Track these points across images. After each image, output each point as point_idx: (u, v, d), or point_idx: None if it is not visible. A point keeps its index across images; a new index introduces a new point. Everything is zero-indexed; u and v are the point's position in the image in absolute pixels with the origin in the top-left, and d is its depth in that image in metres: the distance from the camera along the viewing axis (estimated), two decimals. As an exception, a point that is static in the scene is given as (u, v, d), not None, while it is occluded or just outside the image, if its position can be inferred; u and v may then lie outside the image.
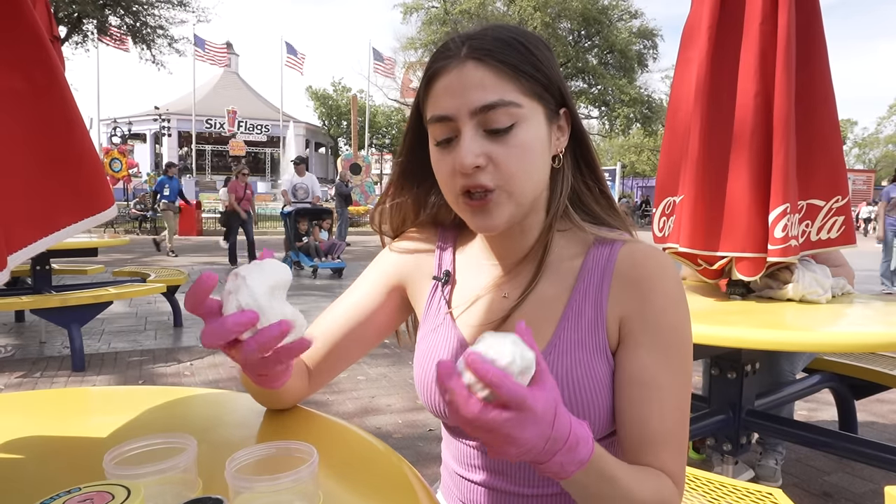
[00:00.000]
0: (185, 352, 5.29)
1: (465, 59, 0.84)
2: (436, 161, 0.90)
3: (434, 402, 0.97)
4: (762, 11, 2.27)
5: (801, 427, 2.47)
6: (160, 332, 6.04)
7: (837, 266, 2.65)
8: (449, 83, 0.85)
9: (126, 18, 21.27)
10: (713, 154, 2.33)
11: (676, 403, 0.86)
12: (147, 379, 4.51)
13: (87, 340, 5.42)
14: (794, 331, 2.04)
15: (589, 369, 0.87)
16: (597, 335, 0.89)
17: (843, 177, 2.40)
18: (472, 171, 0.84)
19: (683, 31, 2.50)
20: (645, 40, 34.57)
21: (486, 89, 0.83)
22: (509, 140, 0.84)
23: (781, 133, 2.22)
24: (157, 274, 6.08)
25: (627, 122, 35.55)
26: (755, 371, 2.36)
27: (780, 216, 2.22)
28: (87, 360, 4.88)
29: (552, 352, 0.90)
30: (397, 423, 3.66)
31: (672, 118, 2.52)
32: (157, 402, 1.14)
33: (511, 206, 0.86)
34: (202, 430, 0.99)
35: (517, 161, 0.84)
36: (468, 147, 0.83)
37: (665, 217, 2.54)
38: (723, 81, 2.34)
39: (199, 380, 4.50)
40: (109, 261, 10.25)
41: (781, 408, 2.74)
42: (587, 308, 0.90)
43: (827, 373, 3.06)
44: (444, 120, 0.86)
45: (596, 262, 0.92)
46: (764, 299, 2.44)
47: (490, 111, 0.83)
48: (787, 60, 2.22)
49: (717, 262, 2.39)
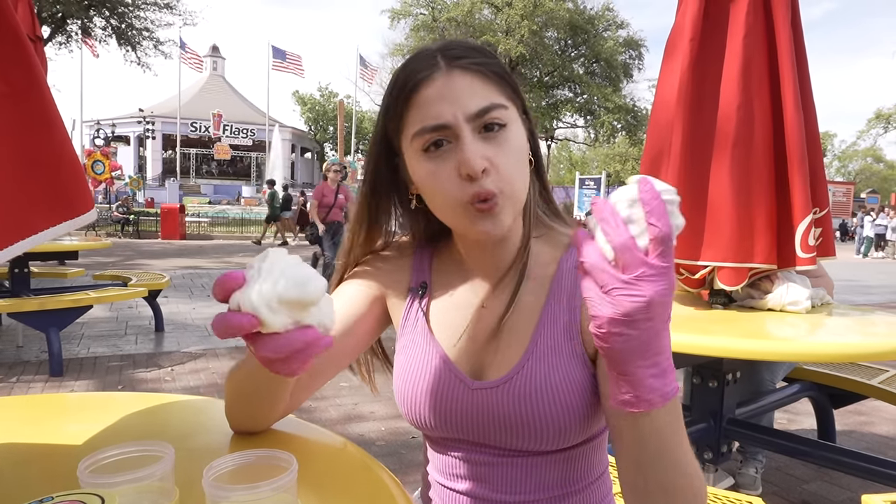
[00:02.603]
0: (165, 357, 5.24)
1: (449, 68, 0.85)
2: (430, 172, 0.87)
3: (417, 414, 0.95)
4: (745, 24, 2.30)
5: (780, 436, 2.49)
6: (141, 336, 5.98)
7: (817, 277, 2.68)
8: (438, 92, 0.84)
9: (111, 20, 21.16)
10: (695, 163, 2.35)
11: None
12: (127, 384, 4.46)
13: (66, 345, 5.36)
14: (775, 340, 2.05)
15: (567, 374, 0.87)
16: (572, 340, 0.89)
17: (823, 188, 2.42)
18: (482, 174, 0.83)
19: (667, 41, 2.52)
20: (631, 50, 34.87)
21: (477, 94, 0.84)
22: (504, 143, 0.85)
23: (796, 144, 2.27)
24: (139, 278, 6.04)
25: (612, 130, 35.81)
26: (736, 380, 2.38)
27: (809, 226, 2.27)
28: (66, 365, 4.82)
29: (529, 358, 0.89)
30: (380, 431, 3.65)
31: (654, 127, 2.54)
32: (135, 408, 1.13)
33: (512, 210, 0.86)
34: (180, 438, 0.98)
35: (514, 163, 0.85)
36: (473, 151, 0.82)
37: None
38: (705, 91, 2.36)
39: (180, 385, 4.45)
40: (90, 264, 10.15)
41: (762, 416, 2.76)
42: (561, 314, 0.90)
43: (807, 382, 3.10)
44: (438, 129, 0.84)
45: (570, 266, 0.92)
46: (745, 309, 2.46)
47: (486, 115, 0.83)
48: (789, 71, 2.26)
49: (698, 272, 2.41)
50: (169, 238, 18.12)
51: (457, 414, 0.92)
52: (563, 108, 35.97)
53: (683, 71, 2.37)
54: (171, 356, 5.27)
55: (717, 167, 2.34)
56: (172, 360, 5.15)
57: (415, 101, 0.86)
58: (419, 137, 0.86)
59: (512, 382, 0.89)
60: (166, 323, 6.34)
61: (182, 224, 18.91)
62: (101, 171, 18.79)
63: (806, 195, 2.28)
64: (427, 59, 0.87)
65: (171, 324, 6.42)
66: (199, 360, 5.13)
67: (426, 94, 0.85)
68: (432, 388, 0.94)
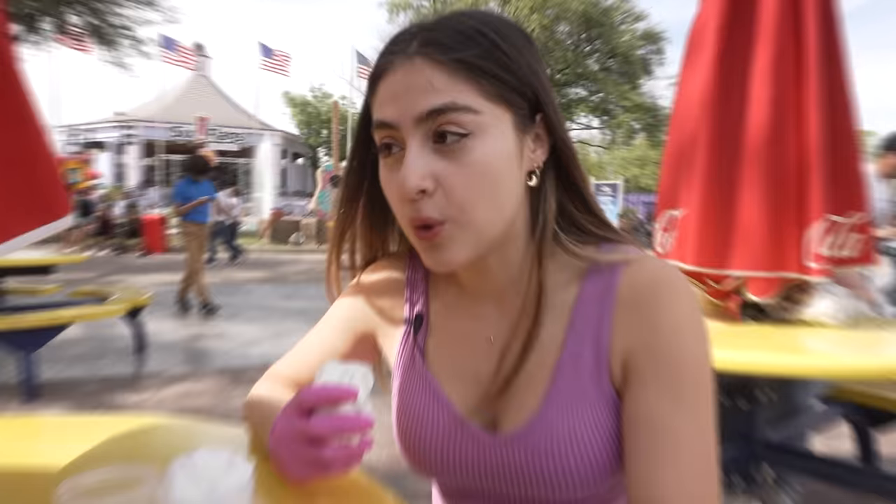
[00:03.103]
0: (148, 379, 5.24)
1: (412, 56, 0.75)
2: (384, 181, 0.81)
3: (423, 466, 0.93)
4: (778, 13, 2.28)
5: (819, 460, 2.48)
6: (121, 358, 5.98)
7: (856, 288, 2.67)
8: (393, 84, 0.76)
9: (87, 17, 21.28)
10: (722, 165, 2.35)
11: (696, 452, 0.74)
12: (106, 409, 4.46)
13: (41, 367, 5.35)
14: (811, 356, 2.05)
15: (594, 422, 0.80)
16: (600, 382, 0.81)
17: (860, 191, 2.41)
18: (418, 195, 0.75)
19: (690, 32, 2.52)
20: (650, 45, 34.89)
21: (434, 91, 0.74)
22: (463, 156, 0.74)
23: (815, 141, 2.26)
24: (119, 294, 6.03)
25: (630, 131, 35.78)
26: (769, 400, 2.36)
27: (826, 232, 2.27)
28: (40, 389, 4.82)
29: (549, 406, 0.82)
30: (380, 458, 3.63)
31: (676, 126, 2.54)
32: (116, 431, 1.13)
33: (469, 239, 0.77)
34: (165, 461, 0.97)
35: (471, 184, 0.75)
36: (412, 165, 0.74)
37: (665, 232, 2.54)
38: (732, 87, 2.36)
39: (163, 410, 4.45)
40: (66, 279, 10.16)
41: (797, 440, 2.74)
42: (586, 350, 0.82)
43: (846, 402, 3.07)
44: (385, 127, 0.78)
45: (593, 292, 0.83)
46: (778, 322, 2.45)
47: (438, 117, 0.74)
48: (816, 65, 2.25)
49: (727, 282, 2.40)
50: (151, 251, 18.15)
51: (467, 468, 0.88)
52: (576, 108, 35.99)
53: (709, 65, 2.37)
54: (154, 378, 5.27)
55: (746, 168, 2.34)
56: (155, 382, 5.15)
57: (378, 88, 0.79)
58: (375, 131, 0.80)
59: (530, 436, 0.82)
60: (149, 343, 6.35)
61: (165, 236, 18.96)
62: (76, 181, 18.86)
63: (820, 198, 2.27)
64: (402, 38, 0.79)
65: (153, 344, 6.42)
66: (183, 383, 5.13)
67: (385, 84, 0.78)
68: (439, 440, 0.90)
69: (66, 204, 1.08)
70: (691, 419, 0.75)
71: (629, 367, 0.79)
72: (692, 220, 2.36)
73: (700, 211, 2.34)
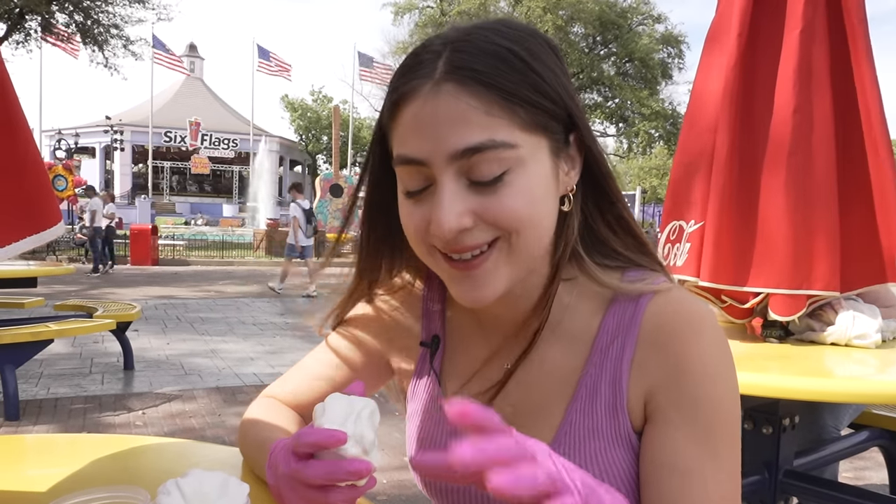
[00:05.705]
0: (136, 398, 5.25)
1: (441, 81, 0.72)
2: (405, 215, 0.79)
3: (436, 489, 0.93)
4: (804, 16, 2.28)
5: (848, 491, 2.46)
6: (108, 375, 6.00)
7: (888, 307, 2.66)
8: (420, 114, 0.73)
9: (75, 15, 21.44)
10: (744, 174, 2.34)
11: (721, 496, 0.74)
12: (92, 430, 4.47)
13: (23, 385, 5.36)
14: (839, 379, 2.04)
15: (607, 463, 0.79)
16: (616, 419, 0.80)
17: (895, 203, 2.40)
18: (456, 235, 0.73)
19: (708, 34, 2.52)
20: (670, 48, 34.98)
21: (468, 126, 0.70)
22: (501, 190, 0.72)
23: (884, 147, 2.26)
24: (106, 308, 6.05)
25: (649, 139, 35.82)
26: (794, 426, 2.36)
27: None
28: (23, 408, 4.84)
29: (561, 443, 0.82)
30: (382, 484, 3.64)
31: (689, 131, 2.52)
32: (104, 452, 1.14)
33: (510, 268, 0.76)
34: (156, 484, 0.98)
35: (513, 216, 0.73)
36: (447, 206, 0.72)
37: (670, 244, 2.52)
38: (755, 92, 2.35)
39: (153, 431, 4.47)
40: (50, 293, 10.21)
41: (824, 468, 2.73)
42: (603, 384, 0.82)
43: (876, 429, 3.06)
44: (413, 163, 0.74)
45: (616, 323, 0.83)
46: (804, 343, 2.44)
47: (474, 156, 0.71)
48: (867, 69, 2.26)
49: (747, 300, 2.39)
50: (139, 263, 18.19)
51: (479, 497, 0.89)
52: (591, 115, 36.05)
53: (729, 68, 2.37)
54: (143, 398, 5.29)
55: (769, 179, 2.33)
56: (144, 401, 5.17)
57: (399, 116, 0.76)
58: (397, 167, 0.78)
59: None
60: (137, 360, 6.36)
61: (154, 248, 19.01)
62: (63, 188, 18.98)
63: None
64: (426, 58, 0.75)
65: (142, 361, 6.45)
66: (173, 403, 5.14)
67: (409, 112, 0.74)
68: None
69: (56, 212, 1.09)
70: (720, 465, 0.75)
71: (651, 406, 0.79)
72: (709, 232, 2.34)
73: (717, 223, 2.32)
